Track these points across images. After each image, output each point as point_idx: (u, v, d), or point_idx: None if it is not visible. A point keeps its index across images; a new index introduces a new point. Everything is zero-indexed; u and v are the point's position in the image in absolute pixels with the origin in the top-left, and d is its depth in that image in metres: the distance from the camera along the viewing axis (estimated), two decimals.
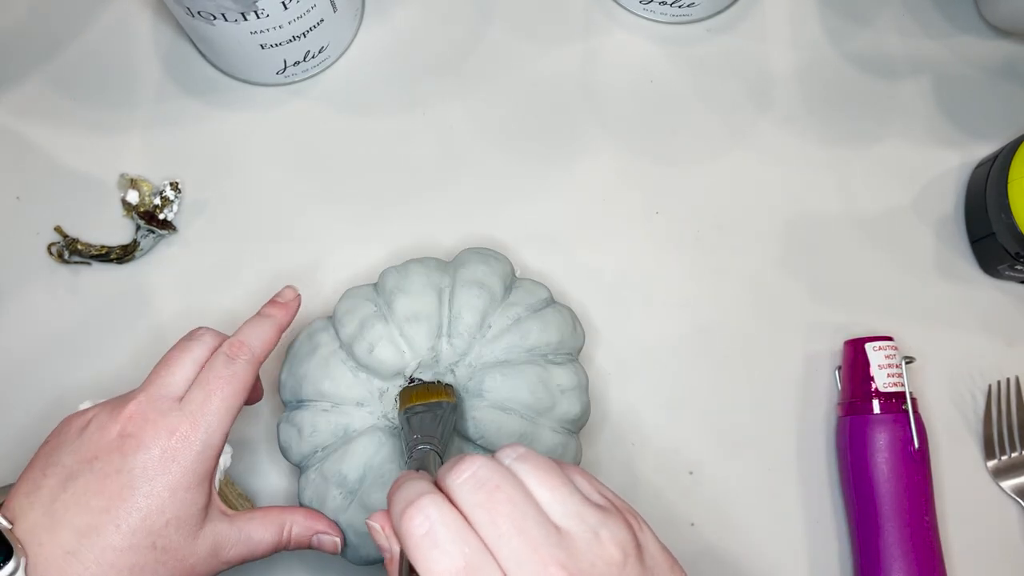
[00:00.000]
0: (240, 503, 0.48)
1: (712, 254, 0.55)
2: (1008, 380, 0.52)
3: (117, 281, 0.55)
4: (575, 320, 0.48)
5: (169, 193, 0.56)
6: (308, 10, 0.52)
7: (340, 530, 0.44)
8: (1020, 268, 0.51)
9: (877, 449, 0.48)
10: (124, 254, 0.55)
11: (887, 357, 0.49)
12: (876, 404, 0.49)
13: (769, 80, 0.58)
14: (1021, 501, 0.51)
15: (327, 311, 0.49)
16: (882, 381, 0.49)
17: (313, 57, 0.56)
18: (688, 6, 0.57)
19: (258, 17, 0.50)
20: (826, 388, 0.53)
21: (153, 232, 0.55)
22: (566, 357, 0.47)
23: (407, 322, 0.45)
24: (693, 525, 0.51)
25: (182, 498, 0.38)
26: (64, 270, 0.55)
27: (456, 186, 0.57)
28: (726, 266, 0.55)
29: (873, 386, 0.49)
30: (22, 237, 0.56)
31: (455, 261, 0.48)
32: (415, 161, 0.57)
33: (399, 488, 0.31)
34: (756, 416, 0.53)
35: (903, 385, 0.49)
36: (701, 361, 0.54)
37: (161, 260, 0.56)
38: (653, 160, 0.57)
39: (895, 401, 0.49)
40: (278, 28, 0.52)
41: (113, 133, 0.58)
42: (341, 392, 0.45)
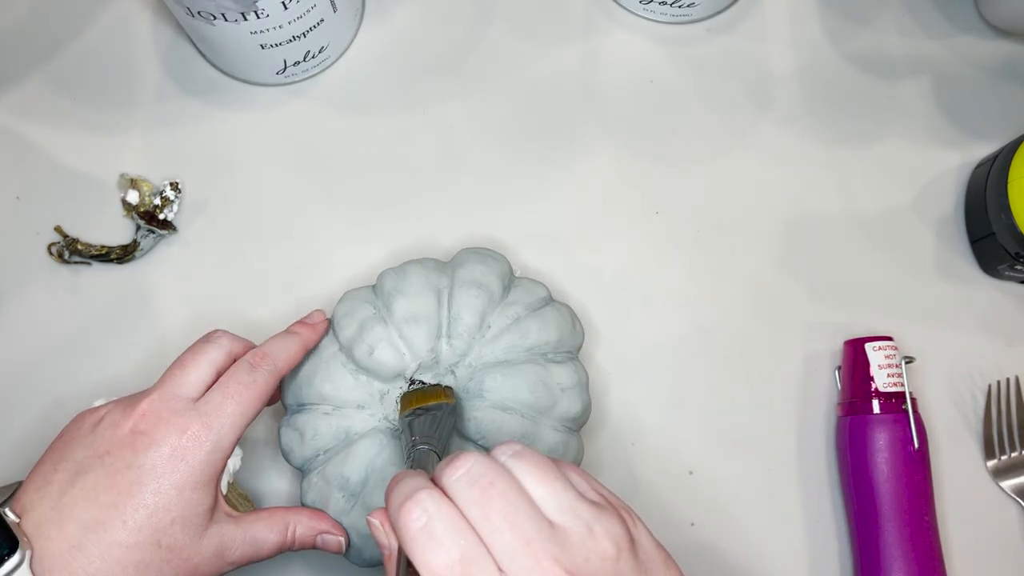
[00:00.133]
0: (242, 504, 0.48)
1: (712, 254, 0.55)
2: (1008, 380, 0.52)
3: (117, 281, 0.55)
4: (574, 318, 0.48)
5: (169, 193, 0.56)
6: (308, 10, 0.52)
7: (344, 530, 0.44)
8: (1020, 268, 0.51)
9: (877, 449, 0.48)
10: (124, 254, 0.55)
11: (887, 357, 0.49)
12: (876, 404, 0.49)
13: (769, 80, 0.58)
14: (1021, 501, 0.51)
15: (327, 311, 0.49)
16: (882, 381, 0.49)
17: (313, 57, 0.56)
18: (688, 6, 0.57)
19: (258, 17, 0.50)
20: (826, 388, 0.53)
21: (153, 232, 0.55)
22: (566, 355, 0.47)
23: (406, 324, 0.45)
24: (693, 525, 0.51)
25: (188, 497, 0.38)
26: (64, 270, 0.55)
27: (456, 186, 0.57)
28: (726, 266, 0.55)
29: (873, 386, 0.49)
30: (22, 237, 0.56)
31: (453, 261, 0.48)
32: (415, 161, 0.57)
33: (396, 484, 0.32)
34: (756, 416, 0.53)
35: (903, 385, 0.49)
36: (701, 361, 0.54)
37: (161, 260, 0.56)
38: (653, 160, 0.57)
39: (895, 401, 0.49)
40: (278, 28, 0.52)
41: (113, 133, 0.58)
42: (342, 395, 0.45)
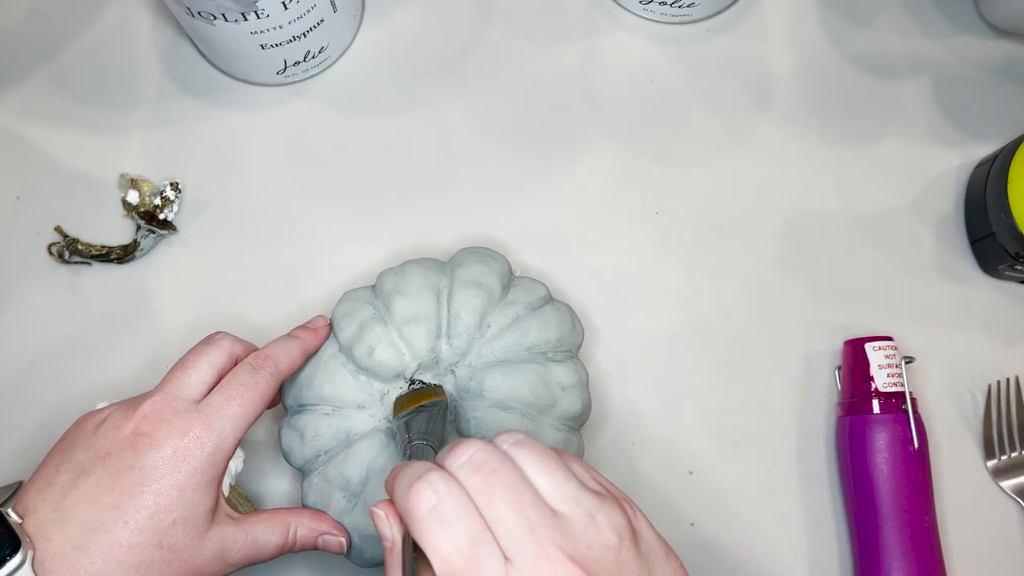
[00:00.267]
0: (243, 505, 0.48)
1: (712, 254, 0.55)
2: (1008, 380, 0.52)
3: (117, 281, 0.55)
4: (574, 317, 0.48)
5: (169, 193, 0.56)
6: (308, 10, 0.52)
7: (345, 531, 0.44)
8: (1020, 268, 0.51)
9: (877, 449, 0.48)
10: (124, 254, 0.55)
11: (887, 357, 0.49)
12: (876, 404, 0.49)
13: (769, 80, 0.58)
14: (1021, 501, 0.51)
15: (327, 312, 0.49)
16: (882, 381, 0.49)
17: (313, 57, 0.56)
18: (688, 6, 0.57)
19: (258, 17, 0.50)
20: (826, 388, 0.53)
21: (153, 232, 0.55)
22: (566, 354, 0.47)
23: (406, 324, 0.45)
24: (693, 525, 0.51)
25: (190, 498, 0.38)
26: (64, 270, 0.55)
27: (456, 186, 0.57)
28: (726, 266, 0.55)
29: (873, 386, 0.49)
30: (22, 237, 0.56)
31: (452, 261, 0.48)
32: (415, 161, 0.57)
33: (402, 469, 0.32)
34: (756, 416, 0.53)
35: (903, 385, 0.49)
36: (701, 361, 0.54)
37: (161, 260, 0.56)
38: (653, 160, 0.57)
39: (895, 401, 0.49)
40: (278, 28, 0.52)
41: (113, 133, 0.58)
42: (342, 395, 0.45)
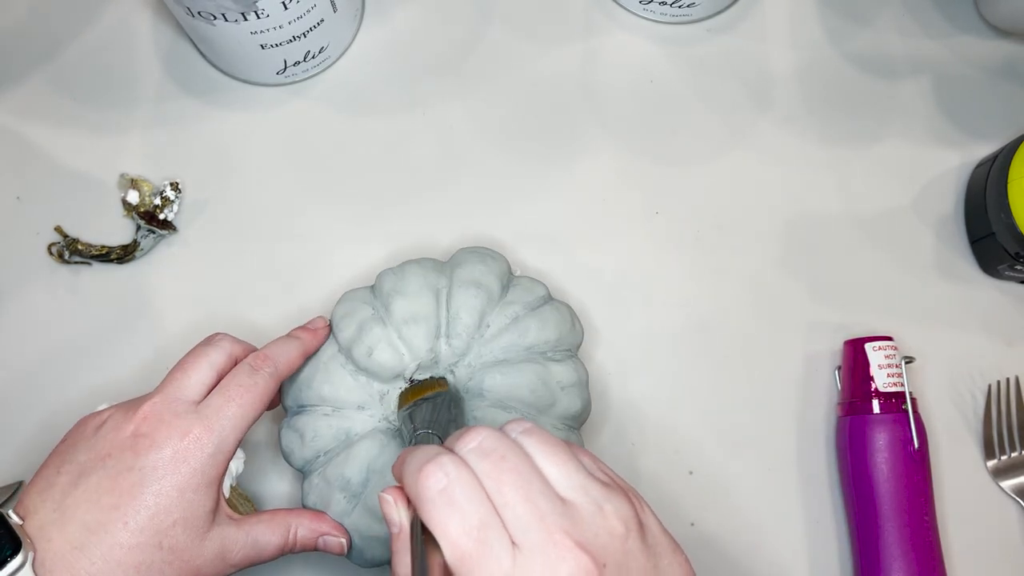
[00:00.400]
0: (243, 505, 0.48)
1: (712, 254, 0.55)
2: (1008, 380, 0.52)
3: (117, 281, 0.55)
4: (573, 316, 0.48)
5: (169, 193, 0.56)
6: (308, 10, 0.52)
7: (346, 531, 0.44)
8: (1020, 268, 0.51)
9: (877, 449, 0.48)
10: (124, 254, 0.55)
11: (887, 357, 0.49)
12: (876, 404, 0.49)
13: (769, 80, 0.58)
14: (1021, 501, 0.51)
15: (326, 312, 0.49)
16: (882, 381, 0.49)
17: (313, 57, 0.56)
18: (688, 6, 0.57)
19: (258, 17, 0.50)
20: (826, 388, 0.53)
21: (153, 232, 0.55)
22: (565, 354, 0.47)
23: (405, 324, 0.45)
24: (693, 525, 0.51)
25: (190, 499, 0.38)
26: (64, 270, 0.55)
27: (456, 186, 0.57)
28: (726, 266, 0.55)
29: (873, 386, 0.49)
30: (22, 237, 0.56)
31: (452, 261, 0.48)
32: (415, 161, 0.57)
33: (412, 452, 0.32)
34: (756, 416, 0.53)
35: (903, 385, 0.49)
36: (701, 361, 0.54)
37: (161, 260, 0.56)
38: (653, 160, 0.57)
39: (895, 401, 0.49)
40: (278, 28, 0.52)
41: (113, 133, 0.58)
42: (341, 396, 0.45)
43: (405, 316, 0.45)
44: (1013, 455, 0.51)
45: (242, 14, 0.50)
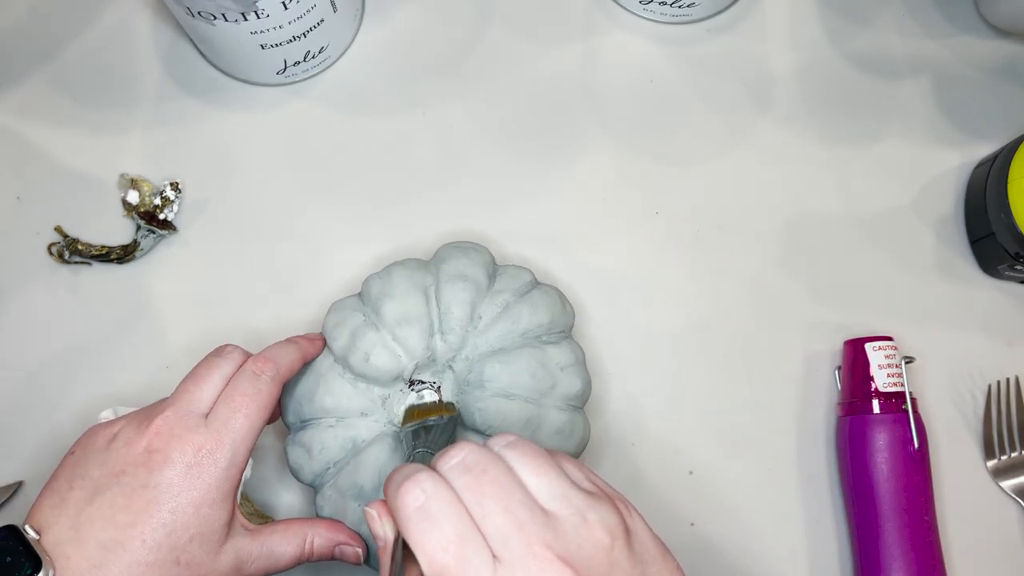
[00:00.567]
0: (244, 506, 0.48)
1: (712, 254, 0.55)
2: (1008, 380, 0.52)
3: (117, 281, 0.55)
4: (562, 298, 0.48)
5: (169, 193, 0.56)
6: (308, 10, 0.52)
7: (362, 540, 0.44)
8: (1020, 268, 0.51)
9: (877, 449, 0.48)
10: (124, 254, 0.55)
11: (887, 357, 0.49)
12: (876, 404, 0.49)
13: (769, 80, 0.58)
14: (1021, 501, 0.51)
15: (327, 311, 0.49)
16: (882, 381, 0.49)
17: (313, 57, 0.56)
18: (688, 6, 0.57)
19: (258, 17, 0.50)
20: (826, 388, 0.53)
21: (153, 232, 0.55)
22: (559, 335, 0.47)
23: (398, 326, 0.45)
24: (693, 525, 0.51)
25: (206, 514, 0.38)
26: (64, 270, 0.55)
27: (456, 186, 0.57)
28: (726, 266, 0.55)
29: (873, 386, 0.49)
30: (22, 237, 0.56)
31: (436, 258, 0.48)
32: (415, 161, 0.57)
33: (397, 470, 0.32)
34: (756, 416, 0.53)
35: (903, 385, 0.49)
36: (701, 361, 0.54)
37: (161, 260, 0.56)
38: (653, 160, 0.57)
39: (895, 401, 0.49)
40: (278, 28, 0.52)
41: (113, 133, 0.58)
42: (343, 405, 0.45)
43: (397, 318, 0.45)
44: (1013, 455, 0.51)
45: (242, 14, 0.50)
